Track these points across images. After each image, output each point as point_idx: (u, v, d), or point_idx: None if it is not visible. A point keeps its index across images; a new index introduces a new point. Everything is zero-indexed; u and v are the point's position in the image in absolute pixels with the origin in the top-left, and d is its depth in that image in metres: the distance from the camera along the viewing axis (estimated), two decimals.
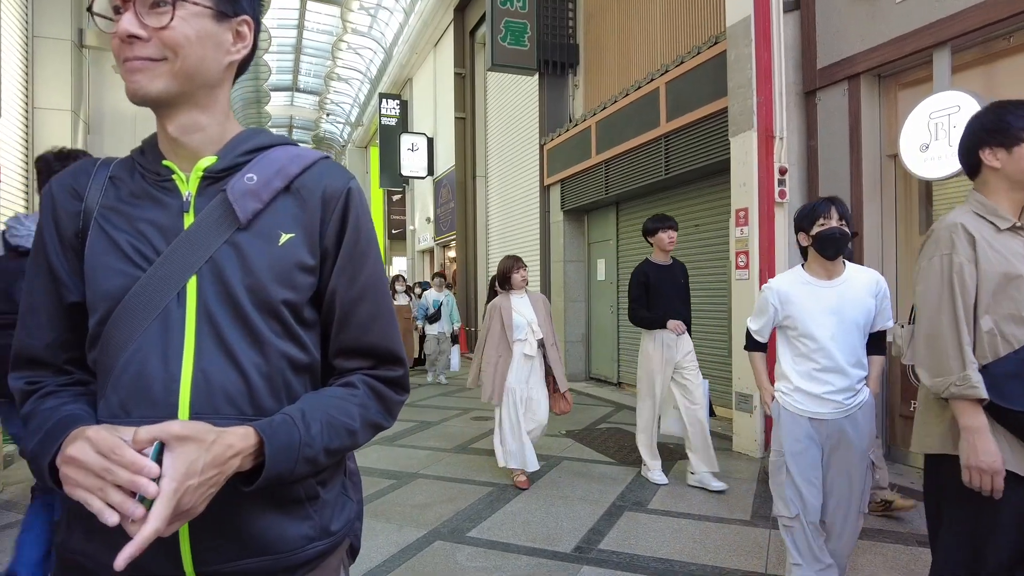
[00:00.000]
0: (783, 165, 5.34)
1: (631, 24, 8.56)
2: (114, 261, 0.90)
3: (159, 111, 0.93)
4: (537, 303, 4.69)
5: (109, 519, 0.71)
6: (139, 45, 0.86)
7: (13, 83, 7.41)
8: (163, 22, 0.86)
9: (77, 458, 0.73)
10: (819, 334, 2.54)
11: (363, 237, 1.00)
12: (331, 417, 0.93)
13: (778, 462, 2.66)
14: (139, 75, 0.86)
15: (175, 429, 0.75)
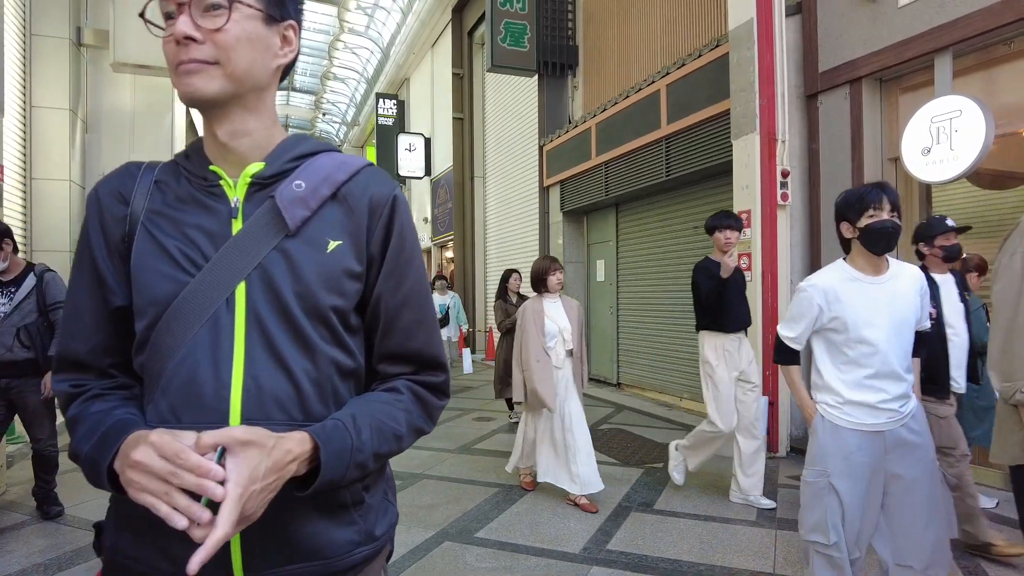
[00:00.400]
0: (785, 168, 5.37)
1: (631, 26, 8.59)
2: (163, 266, 0.90)
3: (209, 114, 0.93)
4: (571, 310, 4.35)
5: (178, 523, 0.72)
6: (194, 47, 0.86)
7: (11, 82, 7.38)
8: (218, 24, 0.87)
9: (142, 462, 0.73)
10: (873, 337, 2.25)
11: (407, 244, 1.01)
12: (380, 422, 0.94)
13: (819, 483, 2.33)
14: (194, 77, 0.87)
15: (238, 434, 0.76)
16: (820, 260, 5.40)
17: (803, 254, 5.54)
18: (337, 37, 20.15)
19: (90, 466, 0.84)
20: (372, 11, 18.49)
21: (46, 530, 3.76)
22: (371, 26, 19.34)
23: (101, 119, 9.32)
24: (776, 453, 5.28)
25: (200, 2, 0.87)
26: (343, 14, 18.57)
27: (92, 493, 4.43)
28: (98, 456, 0.83)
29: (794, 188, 5.46)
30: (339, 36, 20.06)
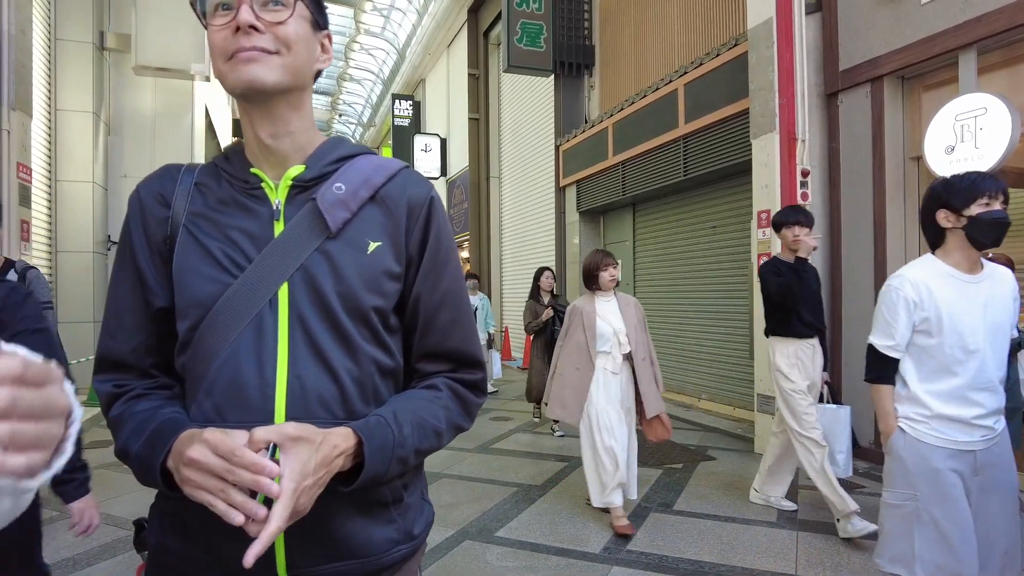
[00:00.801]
0: (806, 167, 5.33)
1: (648, 26, 8.57)
2: (206, 267, 0.91)
3: (256, 111, 0.94)
4: (628, 308, 3.90)
5: (235, 519, 0.73)
6: (256, 36, 0.88)
7: (38, 85, 7.50)
8: (279, 18, 0.89)
9: (198, 460, 0.75)
10: (973, 342, 1.99)
11: (444, 245, 1.03)
12: (421, 419, 0.95)
13: (906, 509, 2.05)
14: (255, 65, 0.88)
15: (289, 430, 0.78)
16: (841, 261, 5.36)
17: (823, 254, 5.50)
18: (353, 38, 20.28)
19: (140, 464, 0.85)
20: (388, 12, 18.59)
21: None
22: (387, 27, 19.44)
23: (123, 122, 9.45)
24: None
25: None
26: (359, 15, 18.69)
27: (120, 490, 4.51)
28: (149, 454, 0.84)
29: (814, 188, 5.42)
30: (355, 37, 20.18)
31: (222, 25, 0.88)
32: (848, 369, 5.31)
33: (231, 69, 0.88)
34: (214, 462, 0.74)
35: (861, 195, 5.16)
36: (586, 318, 3.84)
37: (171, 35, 8.12)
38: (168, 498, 0.90)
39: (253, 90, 0.89)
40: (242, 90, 0.89)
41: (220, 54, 0.89)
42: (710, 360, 7.39)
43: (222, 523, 0.81)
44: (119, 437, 0.90)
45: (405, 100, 18.80)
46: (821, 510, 3.98)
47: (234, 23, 0.87)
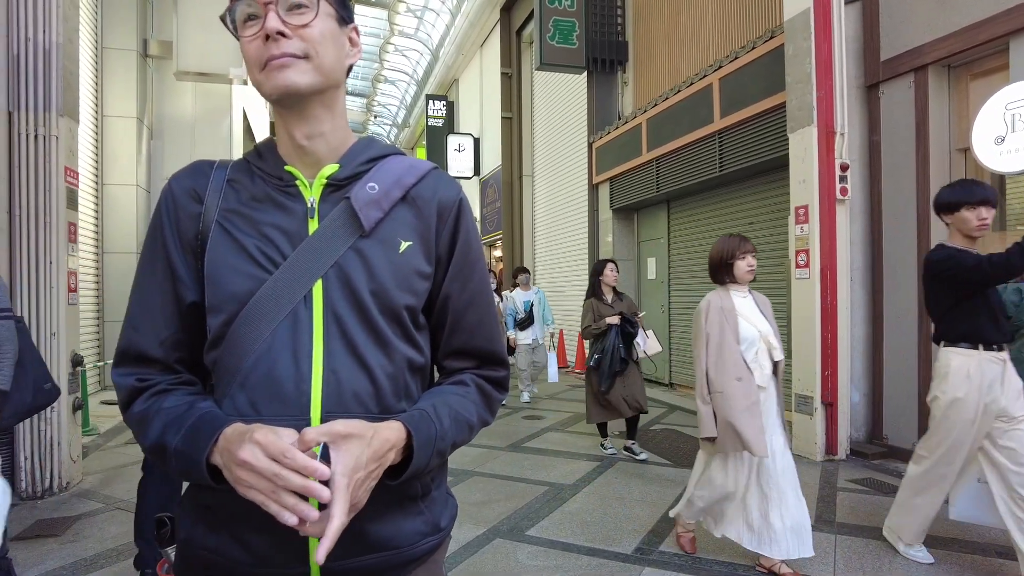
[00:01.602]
0: (844, 161, 5.19)
1: (681, 21, 8.45)
2: (241, 263, 0.92)
3: (291, 113, 0.95)
4: (766, 307, 3.26)
5: (288, 520, 0.74)
6: (284, 42, 0.89)
7: (85, 93, 7.76)
8: (304, 21, 0.91)
9: (248, 462, 0.75)
10: None
11: (473, 246, 1.05)
12: (456, 413, 0.97)
13: None
14: (288, 71, 0.90)
15: (339, 428, 0.79)
16: (882, 256, 5.21)
17: (864, 250, 5.35)
18: (387, 40, 20.49)
19: (181, 459, 0.85)
20: (421, 13, 18.73)
21: (118, 518, 3.95)
22: (420, 28, 19.59)
23: (164, 126, 9.72)
24: (835, 456, 5.11)
25: (284, 2, 0.90)
26: (393, 17, 18.87)
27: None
28: (192, 449, 0.84)
29: (854, 182, 5.27)
30: (389, 39, 20.39)
31: (253, 35, 0.91)
32: (889, 375, 5.15)
33: (266, 78, 0.91)
34: (265, 465, 0.75)
35: (904, 189, 5.00)
36: (728, 317, 3.12)
37: (210, 41, 8.31)
38: (203, 490, 0.91)
39: (288, 95, 0.91)
40: (278, 96, 0.91)
41: (254, 63, 0.91)
42: None
43: (252, 515, 0.82)
44: (148, 432, 0.90)
45: (439, 100, 18.93)
46: (861, 512, 3.87)
47: (263, 32, 0.89)
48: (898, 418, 5.08)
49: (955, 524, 3.65)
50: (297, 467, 0.74)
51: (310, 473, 0.75)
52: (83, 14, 7.42)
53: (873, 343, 5.32)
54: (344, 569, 0.90)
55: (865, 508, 3.98)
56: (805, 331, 5.31)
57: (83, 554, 3.41)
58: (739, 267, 3.18)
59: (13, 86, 4.27)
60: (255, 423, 0.81)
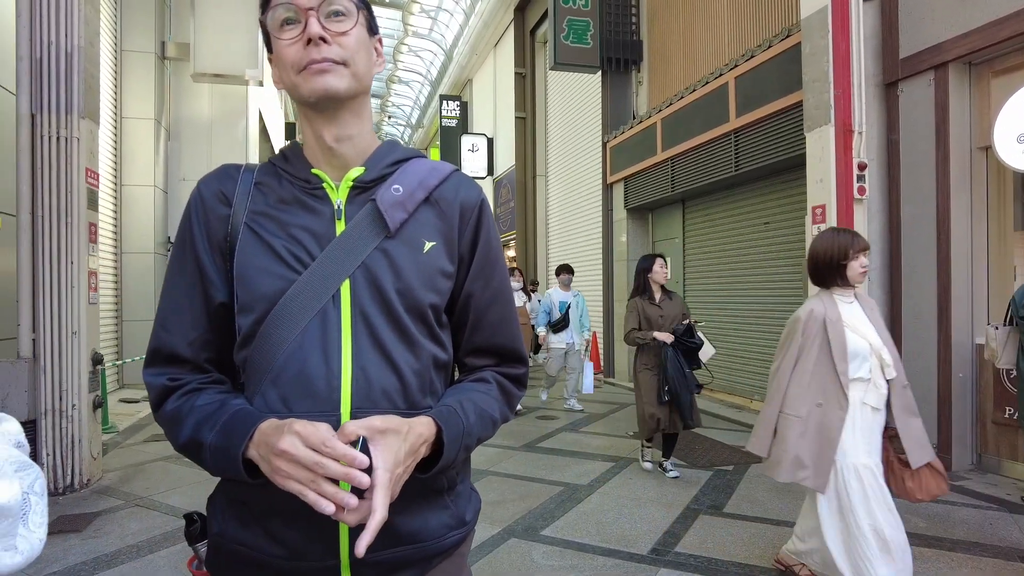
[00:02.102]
0: (862, 160, 5.14)
1: (697, 20, 8.41)
2: (270, 264, 0.94)
3: (326, 115, 0.97)
4: (874, 314, 2.79)
5: (326, 509, 0.76)
6: (325, 47, 0.92)
7: (105, 94, 7.86)
8: (344, 28, 0.94)
9: (289, 451, 0.77)
10: None
11: (494, 246, 1.08)
12: (480, 409, 1.00)
13: None
14: (328, 76, 0.92)
15: (377, 423, 0.82)
16: (900, 256, 5.15)
17: (882, 249, 5.29)
18: (401, 41, 20.56)
19: (217, 454, 0.87)
20: (435, 13, 18.77)
21: (138, 515, 4.00)
22: (434, 28, 19.64)
23: (182, 127, 9.82)
24: None
25: (324, 8, 0.92)
26: (407, 18, 18.93)
27: (180, 482, 4.69)
28: (228, 444, 0.86)
29: (872, 181, 5.22)
30: (403, 40, 20.46)
31: (292, 39, 0.93)
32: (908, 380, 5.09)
33: (304, 80, 0.93)
34: (304, 453, 0.77)
35: (923, 188, 4.94)
36: (833, 330, 2.67)
37: (226, 42, 8.40)
38: (236, 486, 0.93)
39: (327, 98, 0.94)
40: (316, 99, 0.94)
41: (292, 66, 0.93)
42: (763, 360, 7.20)
43: (285, 509, 0.85)
44: (181, 430, 0.92)
45: (452, 101, 18.97)
46: None
47: (304, 36, 0.91)
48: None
49: (976, 528, 3.61)
50: (337, 455, 0.77)
51: (350, 461, 0.77)
52: (103, 17, 7.51)
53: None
54: (373, 562, 0.92)
55: None
56: None
57: (104, 550, 3.46)
58: (853, 268, 2.70)
59: (36, 89, 4.34)
60: (289, 419, 0.83)
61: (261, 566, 0.92)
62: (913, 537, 3.46)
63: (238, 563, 0.95)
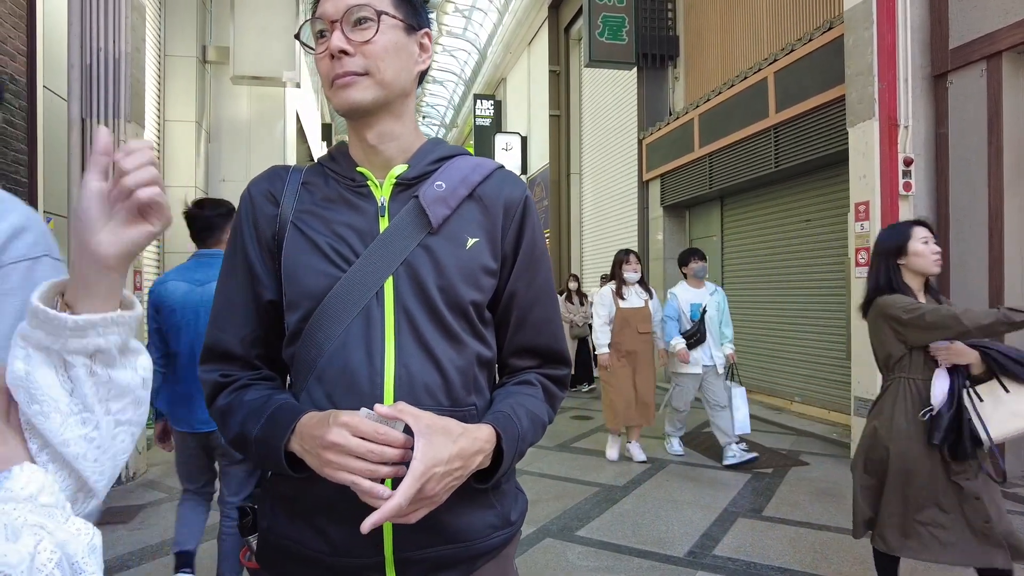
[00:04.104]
0: (908, 155, 4.98)
1: (735, 13, 8.26)
2: (316, 262, 0.95)
3: (361, 121, 0.99)
4: None
5: (383, 493, 0.78)
6: (347, 60, 0.93)
7: (149, 98, 8.08)
8: (366, 36, 0.94)
9: (339, 443, 0.79)
10: None
11: (538, 244, 1.07)
12: (532, 413, 1.00)
13: None
14: (350, 90, 0.94)
15: (426, 420, 0.82)
16: (948, 254, 4.97)
17: None
18: (436, 40, 20.66)
19: (261, 448, 0.90)
20: (469, 13, 18.82)
21: None
22: (468, 28, 19.69)
23: (221, 129, 10.03)
24: None
25: (349, 18, 0.93)
26: (441, 17, 19.02)
27: None
28: (270, 437, 0.89)
29: (918, 177, 5.05)
30: (437, 39, 20.56)
31: (322, 53, 0.95)
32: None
33: (333, 94, 0.96)
34: (355, 443, 0.79)
35: (974, 185, 4.76)
36: None
37: (264, 45, 8.57)
38: (282, 481, 0.95)
39: (353, 111, 0.96)
40: (344, 112, 0.97)
41: (324, 80, 0.96)
42: (804, 361, 7.05)
43: (330, 506, 0.87)
44: (230, 425, 0.95)
45: (486, 100, 19.00)
46: None
47: (328, 51, 0.93)
48: None
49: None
50: (391, 441, 0.79)
51: (402, 445, 0.79)
52: (148, 24, 7.71)
53: None
54: (417, 559, 0.92)
55: None
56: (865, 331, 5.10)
57: (150, 541, 3.56)
58: None
59: (86, 95, 4.49)
60: (331, 411, 0.85)
61: (308, 561, 0.94)
62: None
63: (286, 557, 0.96)
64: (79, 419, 0.62)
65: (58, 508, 0.57)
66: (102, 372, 0.64)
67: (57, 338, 0.60)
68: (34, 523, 0.52)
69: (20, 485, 0.56)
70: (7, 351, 0.63)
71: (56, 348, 0.61)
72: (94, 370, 0.63)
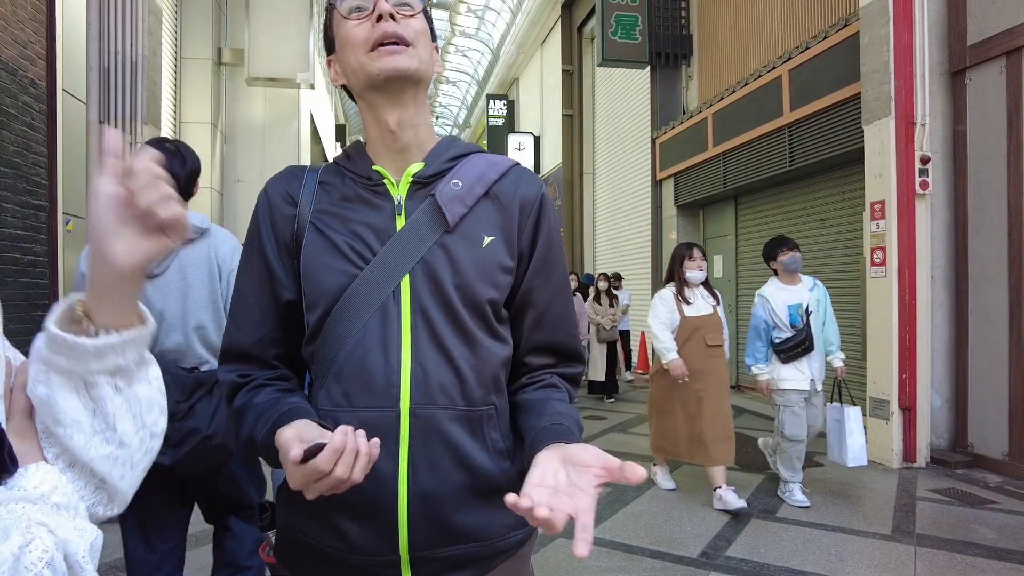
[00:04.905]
0: (925, 154, 4.94)
1: (749, 11, 8.21)
2: (333, 261, 0.96)
3: (387, 98, 0.98)
4: None
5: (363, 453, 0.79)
6: (394, 24, 0.94)
7: (165, 101, 8.18)
8: (411, 13, 0.97)
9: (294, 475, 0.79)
10: None
11: (554, 241, 1.06)
12: (576, 420, 0.99)
13: None
14: (399, 56, 0.94)
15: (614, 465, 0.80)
16: (967, 253, 4.92)
17: (946, 247, 5.06)
18: (448, 41, 20.69)
19: (268, 451, 0.90)
20: (482, 13, 18.83)
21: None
22: (481, 28, 19.71)
23: (236, 130, 10.12)
24: (914, 463, 4.87)
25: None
26: (454, 18, 19.05)
27: None
28: (274, 441, 0.89)
29: (935, 175, 5.00)
30: (450, 40, 20.59)
31: (360, 20, 0.95)
32: (974, 379, 4.86)
33: (373, 59, 0.94)
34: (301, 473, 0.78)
35: (993, 182, 4.70)
36: None
37: (278, 47, 8.64)
38: None
39: (397, 76, 0.94)
40: (387, 76, 0.94)
41: (361, 45, 0.95)
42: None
43: (345, 504, 0.86)
44: (243, 426, 0.96)
45: (499, 100, 19.01)
46: (943, 524, 3.67)
47: (375, 13, 0.93)
48: (984, 425, 4.79)
49: None
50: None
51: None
52: (164, 27, 7.80)
53: (956, 345, 5.03)
54: (433, 558, 0.93)
55: (948, 519, 3.78)
56: (881, 332, 5.07)
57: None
58: None
59: (103, 97, 4.55)
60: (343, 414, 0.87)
61: (325, 557, 0.95)
62: (982, 549, 3.31)
63: (304, 553, 0.97)
64: (102, 439, 0.63)
65: (70, 508, 0.58)
66: (126, 388, 0.65)
67: (79, 362, 0.61)
68: (39, 521, 0.52)
69: (34, 484, 0.56)
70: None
71: (78, 371, 0.61)
72: (118, 386, 0.64)
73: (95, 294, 0.62)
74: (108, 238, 0.60)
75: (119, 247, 0.60)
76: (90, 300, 0.63)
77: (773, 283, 4.31)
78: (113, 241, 0.60)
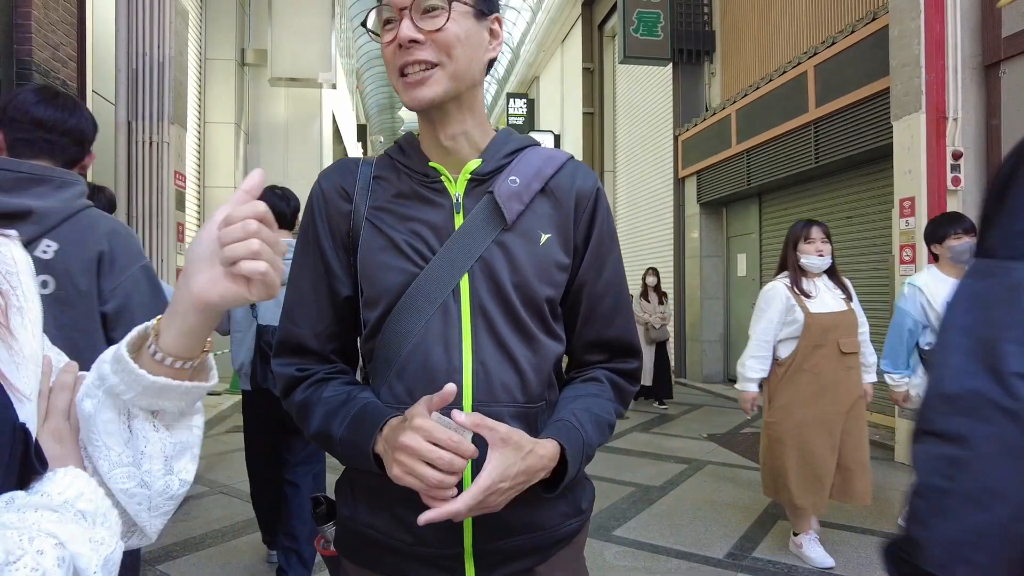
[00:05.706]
0: (957, 149, 4.83)
1: (772, 7, 8.10)
2: (393, 259, 0.96)
3: (431, 116, 0.97)
4: None
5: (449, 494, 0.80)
6: (416, 49, 0.90)
7: (191, 101, 8.28)
8: (437, 25, 0.90)
9: (411, 447, 0.79)
10: None
11: (608, 235, 1.05)
12: (597, 416, 1.00)
13: None
14: (423, 88, 0.92)
15: (502, 432, 0.83)
16: None
17: None
18: None
19: (348, 447, 0.91)
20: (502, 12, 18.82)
21: (221, 502, 4.20)
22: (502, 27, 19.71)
23: (259, 130, 10.23)
24: None
25: (418, 5, 0.90)
26: None
27: None
28: (357, 439, 0.90)
29: (968, 171, 4.89)
30: None
31: (389, 41, 0.93)
32: None
33: (403, 89, 0.94)
34: (427, 448, 0.78)
35: None
36: None
37: (301, 47, 8.71)
38: (363, 474, 0.96)
39: (422, 106, 0.94)
40: (415, 108, 0.95)
41: (391, 69, 0.94)
42: None
43: (410, 497, 0.86)
44: (311, 421, 0.96)
45: (519, 99, 18.99)
46: None
47: (395, 43, 0.91)
48: None
49: None
50: (461, 452, 0.79)
51: (471, 457, 0.79)
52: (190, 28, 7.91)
53: None
54: (493, 550, 0.94)
55: None
56: None
57: (192, 533, 3.64)
58: None
59: (131, 98, 4.62)
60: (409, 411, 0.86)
61: (389, 549, 0.95)
62: None
63: (368, 545, 0.98)
64: (125, 472, 0.63)
65: (97, 516, 0.57)
66: (164, 430, 0.65)
67: (129, 389, 0.61)
68: (49, 532, 0.51)
69: (58, 490, 0.55)
70: None
71: (125, 399, 0.62)
72: (157, 425, 0.64)
73: (169, 313, 0.63)
74: (195, 264, 0.61)
75: (201, 277, 0.60)
76: (164, 319, 0.63)
77: (929, 272, 3.33)
78: (198, 269, 0.61)
